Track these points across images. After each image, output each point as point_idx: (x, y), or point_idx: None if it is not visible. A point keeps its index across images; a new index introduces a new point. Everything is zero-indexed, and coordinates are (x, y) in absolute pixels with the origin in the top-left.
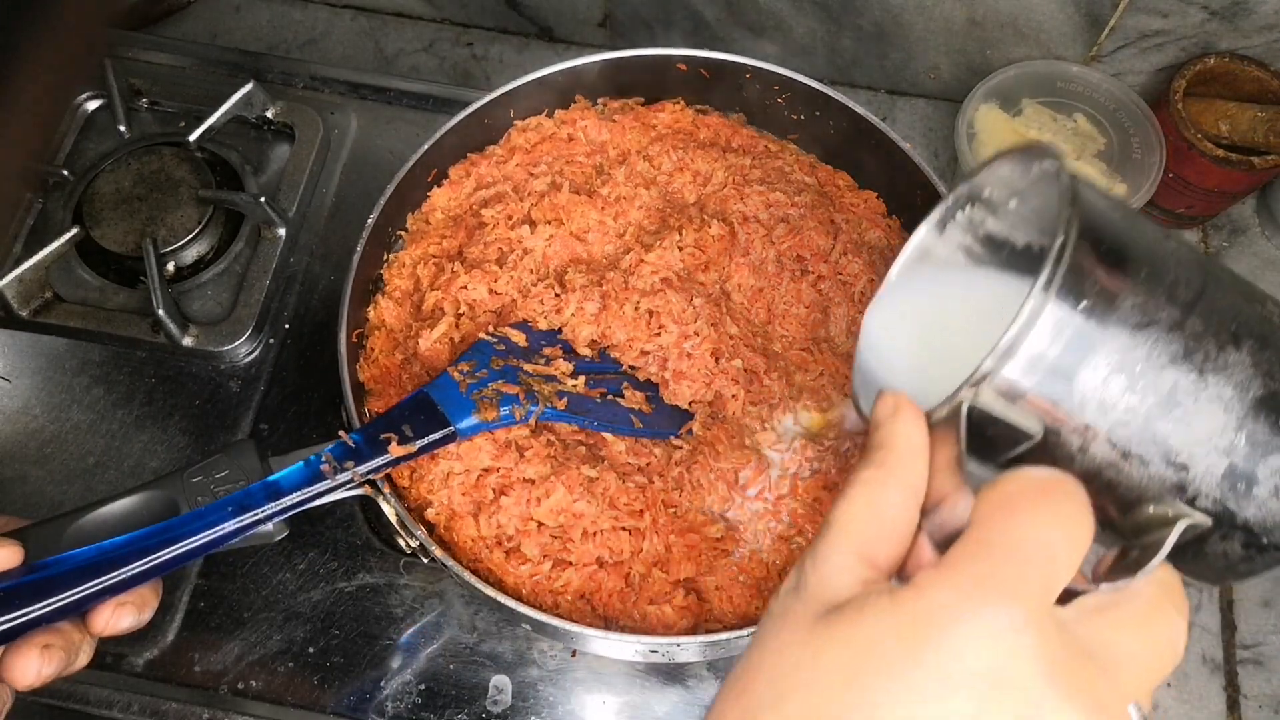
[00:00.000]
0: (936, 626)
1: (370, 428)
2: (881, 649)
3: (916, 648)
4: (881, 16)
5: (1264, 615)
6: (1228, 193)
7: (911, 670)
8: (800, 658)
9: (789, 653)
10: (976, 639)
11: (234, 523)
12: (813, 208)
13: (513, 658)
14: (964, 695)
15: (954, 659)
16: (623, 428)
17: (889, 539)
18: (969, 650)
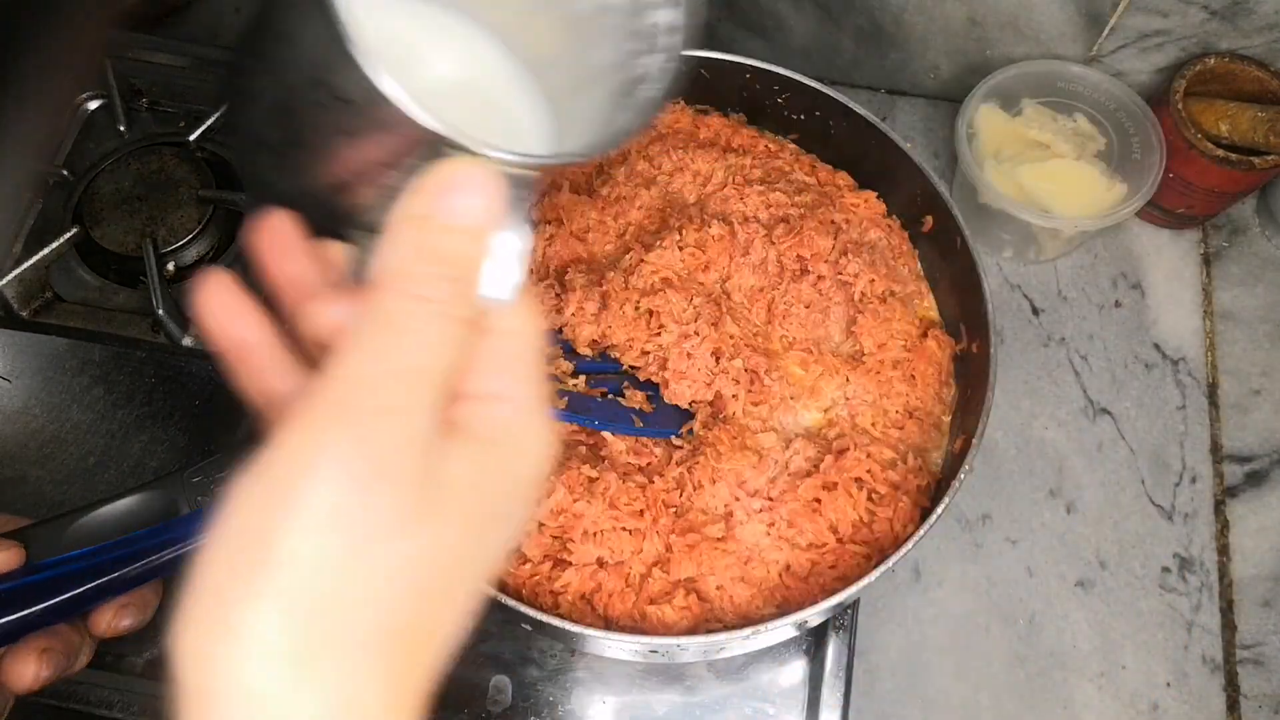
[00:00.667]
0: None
1: None
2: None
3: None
4: (881, 16)
5: (1264, 615)
6: (1228, 193)
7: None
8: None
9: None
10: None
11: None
12: (813, 208)
13: (513, 658)
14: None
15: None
16: (624, 427)
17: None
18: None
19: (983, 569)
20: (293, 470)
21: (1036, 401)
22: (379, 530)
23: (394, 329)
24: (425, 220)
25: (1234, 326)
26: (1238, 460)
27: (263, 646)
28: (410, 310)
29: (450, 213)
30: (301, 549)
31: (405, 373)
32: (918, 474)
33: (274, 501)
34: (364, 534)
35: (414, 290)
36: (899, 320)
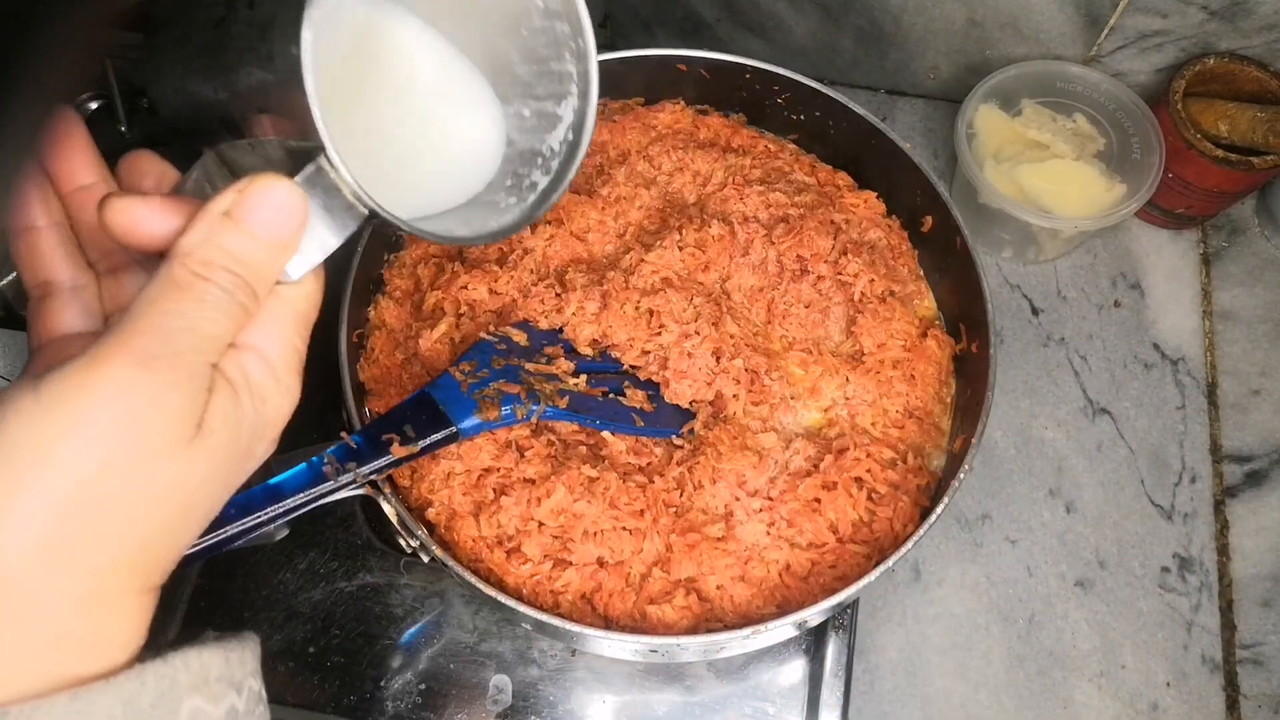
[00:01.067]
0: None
1: (372, 428)
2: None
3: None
4: (881, 16)
5: (1264, 615)
6: (1228, 193)
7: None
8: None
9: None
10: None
11: (236, 526)
12: (813, 208)
13: (513, 658)
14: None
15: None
16: (624, 426)
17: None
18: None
19: (983, 569)
20: (79, 391)
21: (1036, 401)
22: (146, 453)
23: (182, 295)
24: (229, 220)
25: (1233, 326)
26: (1237, 460)
27: (22, 541)
28: (197, 285)
29: (253, 222)
30: (76, 458)
31: (185, 330)
32: (917, 474)
33: (57, 415)
34: (133, 454)
35: (203, 272)
36: (899, 320)
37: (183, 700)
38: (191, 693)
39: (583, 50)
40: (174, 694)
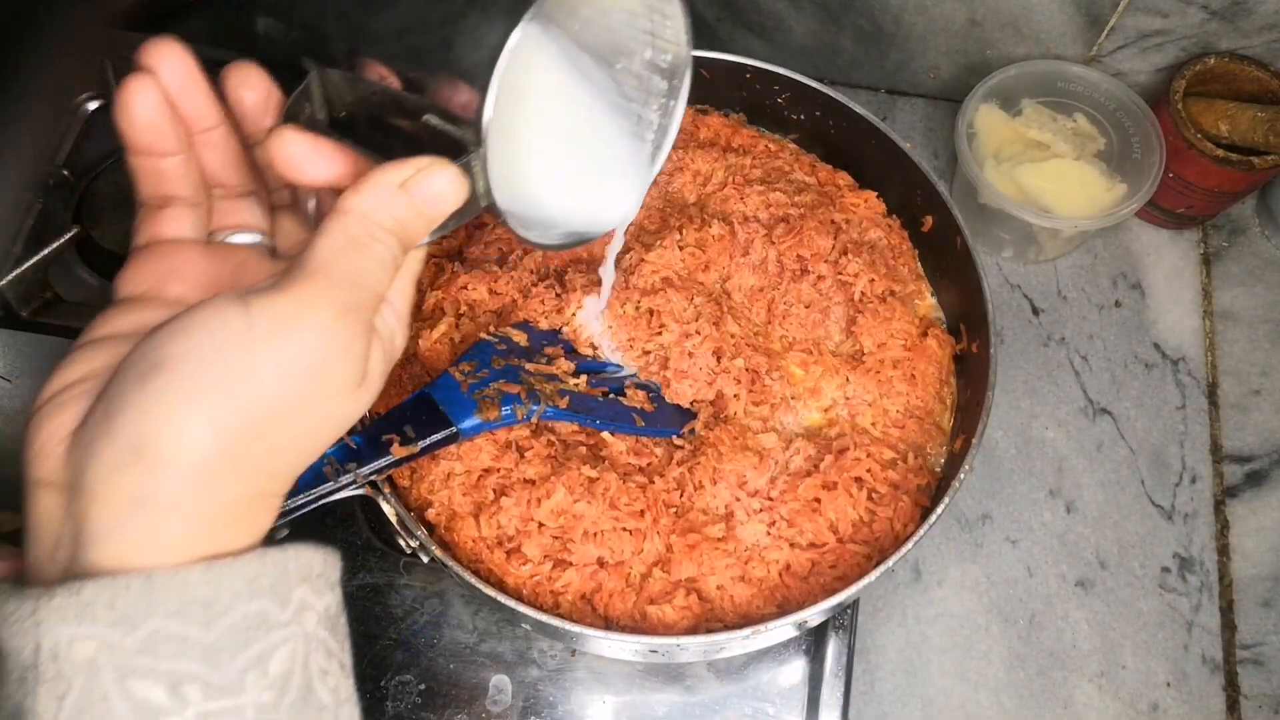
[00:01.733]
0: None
1: (372, 429)
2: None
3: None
4: (881, 16)
5: (1264, 615)
6: (1228, 193)
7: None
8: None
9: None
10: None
11: None
12: (813, 207)
13: (513, 658)
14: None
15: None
16: (625, 426)
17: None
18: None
19: (983, 569)
20: (289, 327)
21: (1036, 401)
22: (328, 392)
23: (360, 254)
24: (403, 192)
25: (1234, 326)
26: (1238, 460)
27: (217, 430)
28: (371, 246)
29: (422, 199)
30: (275, 383)
31: (365, 287)
32: (918, 473)
33: (267, 341)
34: (319, 391)
35: (376, 234)
36: (899, 320)
37: (294, 588)
38: (300, 583)
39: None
40: (287, 581)
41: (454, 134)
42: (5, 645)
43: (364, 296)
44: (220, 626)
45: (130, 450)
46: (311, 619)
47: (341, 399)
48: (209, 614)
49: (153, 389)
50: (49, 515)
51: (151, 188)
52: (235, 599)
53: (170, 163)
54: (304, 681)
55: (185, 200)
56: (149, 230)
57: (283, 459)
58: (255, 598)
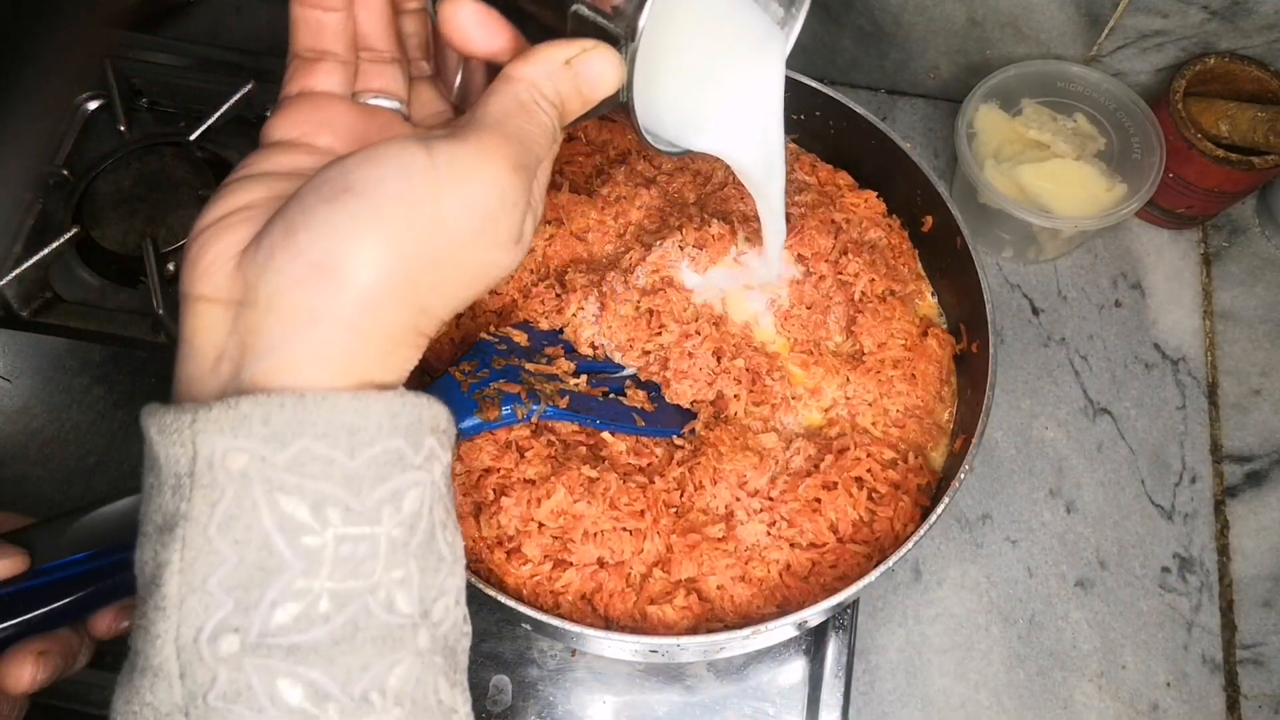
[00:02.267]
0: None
1: None
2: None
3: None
4: (881, 16)
5: (1264, 615)
6: (1228, 193)
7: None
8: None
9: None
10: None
11: None
12: (813, 207)
13: (513, 658)
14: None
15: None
16: (625, 425)
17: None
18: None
19: (983, 569)
20: (471, 173)
21: (1036, 401)
22: (494, 241)
23: (529, 117)
24: (569, 68)
25: (1234, 326)
26: (1238, 460)
27: (396, 255)
28: (537, 112)
29: (584, 78)
30: (456, 223)
31: (533, 148)
32: (918, 473)
33: (450, 182)
34: (488, 238)
35: (541, 102)
36: (899, 319)
37: (425, 436)
38: (430, 433)
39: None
40: (421, 425)
41: (605, 26)
42: (163, 455)
43: (531, 158)
44: (363, 456)
45: (313, 266)
46: (438, 469)
47: (503, 250)
48: (354, 441)
49: (341, 209)
50: (211, 329)
51: (310, 40)
52: (378, 432)
53: (332, 17)
54: (429, 527)
55: (338, 57)
56: (301, 81)
57: (442, 296)
58: (394, 435)
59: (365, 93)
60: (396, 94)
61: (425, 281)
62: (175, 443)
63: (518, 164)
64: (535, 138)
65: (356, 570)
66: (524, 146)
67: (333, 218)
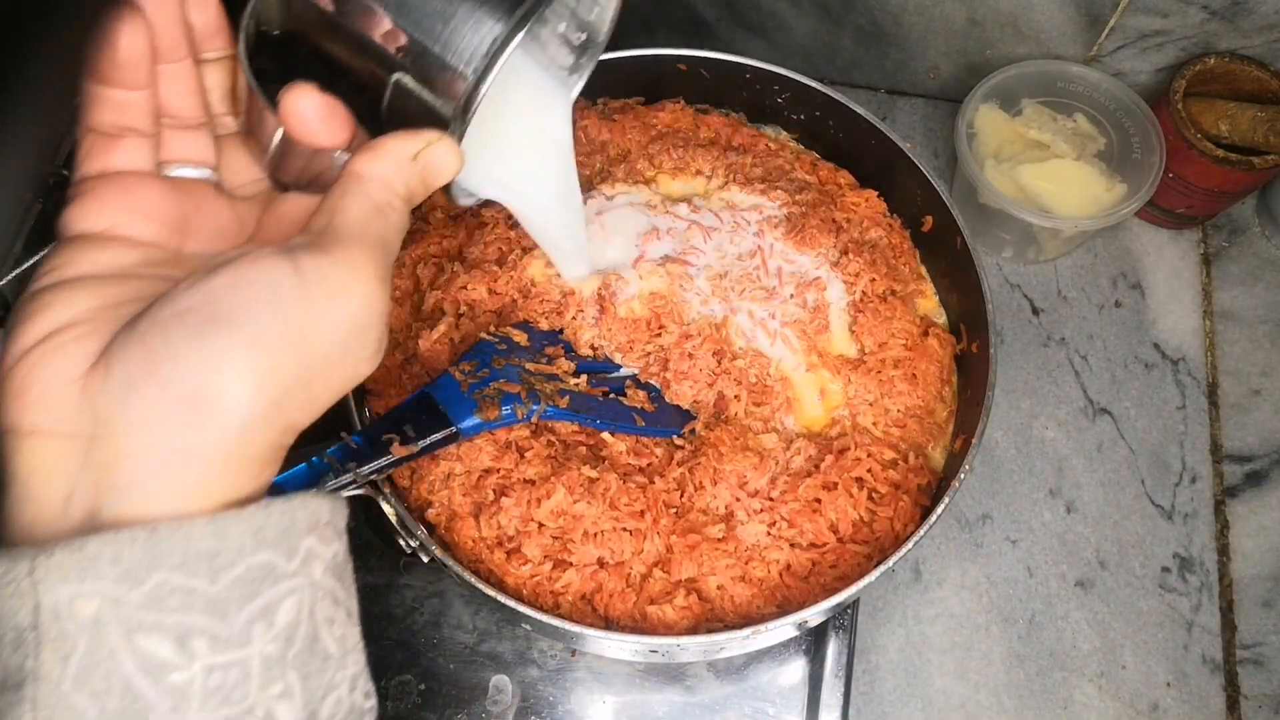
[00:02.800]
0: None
1: (372, 429)
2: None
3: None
4: (881, 16)
5: (1264, 615)
6: (1228, 193)
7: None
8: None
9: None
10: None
11: None
12: (814, 206)
13: (513, 658)
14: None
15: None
16: (625, 425)
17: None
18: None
19: (983, 569)
20: (340, 290)
21: (1036, 401)
22: (359, 354)
23: (384, 220)
24: (416, 165)
25: (1234, 326)
26: (1238, 460)
27: (263, 386)
28: (391, 213)
29: (431, 170)
30: (324, 344)
31: (392, 250)
32: (918, 473)
33: (320, 305)
34: (352, 351)
35: (392, 199)
36: (899, 319)
37: (301, 538)
38: (308, 532)
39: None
40: (295, 531)
41: (431, 105)
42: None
43: (390, 262)
44: (226, 578)
45: (182, 400)
46: (318, 568)
47: (368, 361)
48: (215, 565)
49: (211, 341)
50: (54, 468)
51: (110, 116)
52: (241, 551)
53: (136, 95)
54: (310, 631)
55: (142, 131)
56: (100, 159)
57: (308, 412)
58: (261, 549)
59: (172, 163)
60: (206, 161)
61: (296, 402)
62: (12, 594)
63: (383, 274)
64: (392, 240)
65: (229, 698)
66: (384, 252)
67: (203, 349)
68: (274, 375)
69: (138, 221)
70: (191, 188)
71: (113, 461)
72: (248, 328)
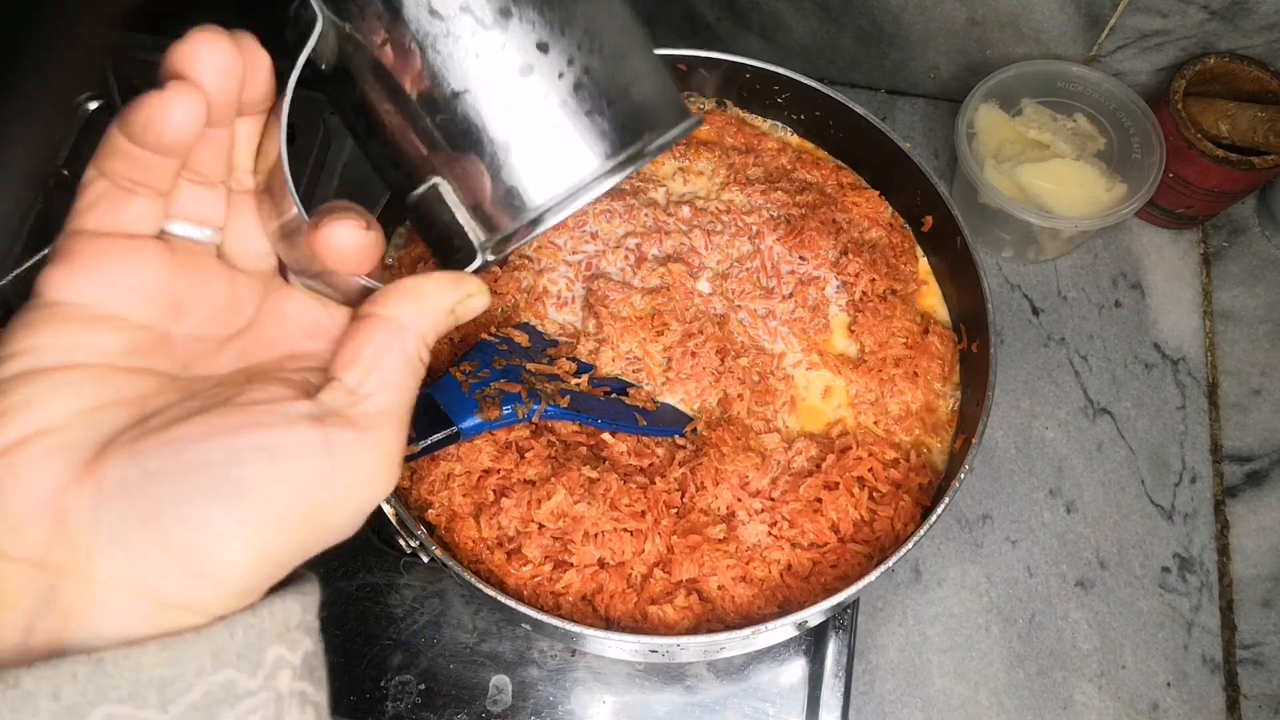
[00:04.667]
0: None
1: None
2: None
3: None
4: (881, 16)
5: (1264, 615)
6: (1228, 193)
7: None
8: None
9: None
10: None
11: None
12: (814, 207)
13: (513, 658)
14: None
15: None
16: (627, 425)
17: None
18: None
19: (983, 569)
20: (358, 467)
21: (1036, 401)
22: (372, 504)
23: (413, 370)
24: (451, 315)
25: (1234, 326)
26: (1238, 460)
27: (268, 563)
28: (418, 362)
29: (462, 315)
30: (332, 524)
31: (414, 394)
32: (920, 472)
33: (334, 482)
34: (366, 511)
35: (423, 350)
36: (900, 318)
37: (267, 649)
38: (275, 641)
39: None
40: (260, 643)
41: (463, 226)
42: None
43: (408, 419)
44: (180, 705)
45: (177, 559)
46: (286, 677)
47: (355, 524)
48: (166, 694)
49: (226, 507)
50: (17, 593)
51: (126, 170)
52: (198, 675)
53: (167, 160)
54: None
55: (158, 190)
56: (104, 215)
57: (298, 560)
58: (220, 669)
59: (179, 219)
60: (213, 222)
61: (296, 560)
62: None
63: (404, 435)
64: (414, 390)
65: None
66: (409, 412)
67: (213, 514)
68: (283, 547)
69: (131, 300)
70: (192, 255)
71: (86, 606)
72: (267, 505)
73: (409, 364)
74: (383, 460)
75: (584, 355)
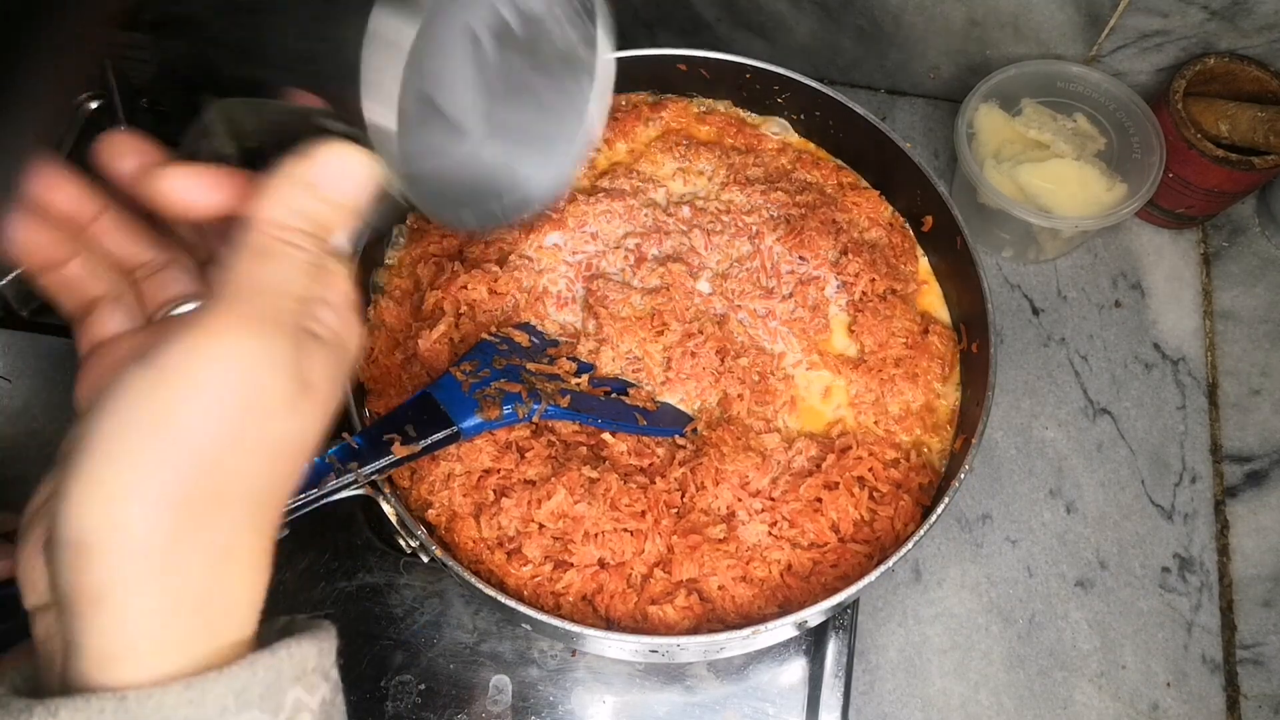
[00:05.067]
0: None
1: (373, 429)
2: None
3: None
4: (881, 16)
5: (1264, 615)
6: (1228, 193)
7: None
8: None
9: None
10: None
11: None
12: (814, 207)
13: (513, 658)
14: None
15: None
16: (627, 425)
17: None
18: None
19: (983, 569)
20: (195, 358)
21: (1036, 401)
22: (263, 412)
23: (270, 261)
24: (307, 186)
25: (1234, 326)
26: (1238, 460)
27: (152, 502)
28: (276, 250)
29: (329, 188)
30: (198, 421)
31: (280, 294)
32: (920, 471)
33: (175, 382)
34: (252, 414)
35: (280, 239)
36: (900, 318)
37: (286, 692)
38: (294, 684)
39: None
40: (280, 685)
41: (351, 133)
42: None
43: (280, 304)
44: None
45: (74, 547)
46: (305, 719)
47: (284, 417)
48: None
49: (82, 478)
50: (45, 635)
51: (72, 300)
52: (223, 713)
53: (73, 268)
54: None
55: (107, 296)
56: (88, 337)
57: (250, 501)
58: (245, 709)
59: (163, 307)
60: (193, 293)
61: (212, 506)
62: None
63: (254, 322)
64: (281, 279)
65: None
66: (263, 297)
67: (77, 490)
68: (159, 488)
69: None
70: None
71: (66, 624)
72: (107, 451)
73: (252, 252)
74: (213, 339)
75: (584, 355)
